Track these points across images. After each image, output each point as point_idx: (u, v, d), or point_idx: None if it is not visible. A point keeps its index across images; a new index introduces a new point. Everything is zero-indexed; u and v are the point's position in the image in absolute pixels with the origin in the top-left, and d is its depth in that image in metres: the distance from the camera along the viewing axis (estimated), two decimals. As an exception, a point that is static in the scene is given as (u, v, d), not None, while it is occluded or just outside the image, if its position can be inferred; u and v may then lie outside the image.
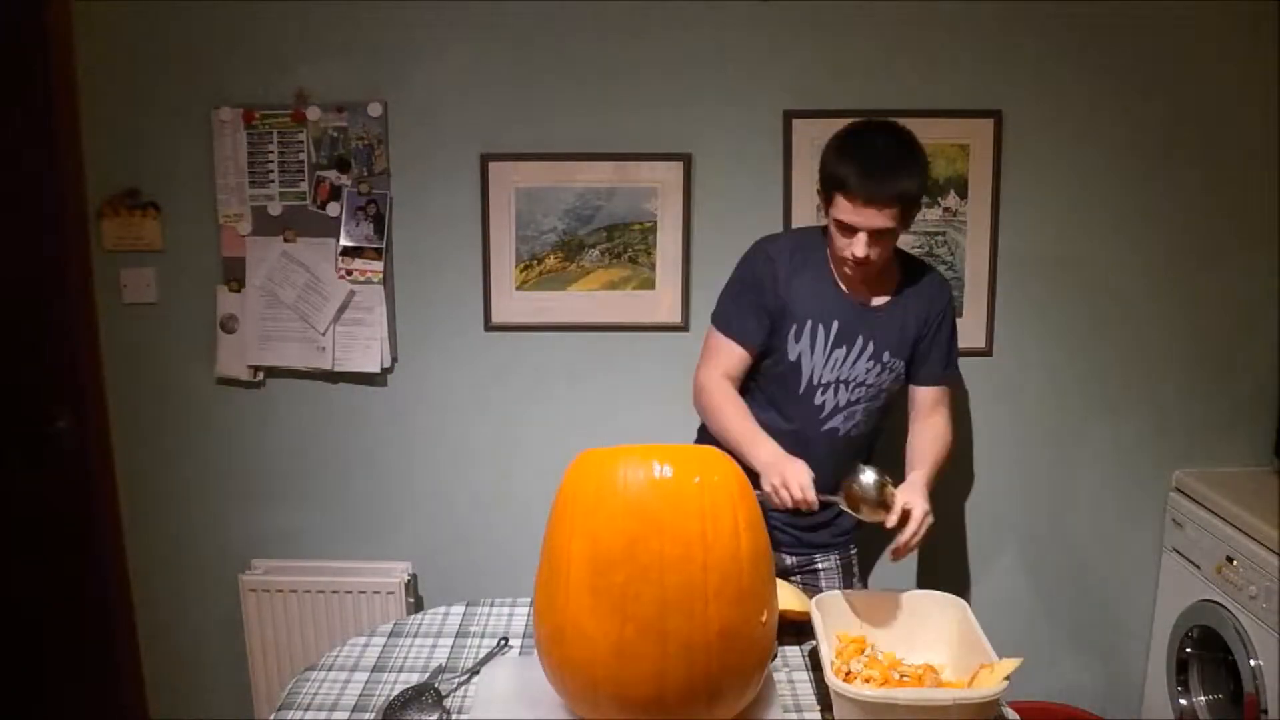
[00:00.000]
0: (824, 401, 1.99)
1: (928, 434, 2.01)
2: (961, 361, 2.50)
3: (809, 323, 1.95)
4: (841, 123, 2.39)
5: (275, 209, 2.45)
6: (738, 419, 1.94)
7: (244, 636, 2.55)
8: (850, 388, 1.98)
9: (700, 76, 2.40)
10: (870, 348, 1.96)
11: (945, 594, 1.70)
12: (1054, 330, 2.53)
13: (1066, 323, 2.53)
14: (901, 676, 1.56)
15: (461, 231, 2.47)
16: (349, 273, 2.46)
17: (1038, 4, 2.37)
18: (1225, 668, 2.35)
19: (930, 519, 1.78)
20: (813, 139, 2.41)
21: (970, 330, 2.51)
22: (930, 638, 1.67)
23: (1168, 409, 2.57)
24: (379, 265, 2.46)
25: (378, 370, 2.51)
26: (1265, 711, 2.16)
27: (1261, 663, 2.17)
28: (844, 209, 1.82)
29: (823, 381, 1.97)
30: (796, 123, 2.41)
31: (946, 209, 2.46)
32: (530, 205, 2.45)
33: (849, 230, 1.83)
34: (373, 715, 1.55)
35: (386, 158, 2.43)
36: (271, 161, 2.43)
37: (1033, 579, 2.67)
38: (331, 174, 2.43)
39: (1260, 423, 2.56)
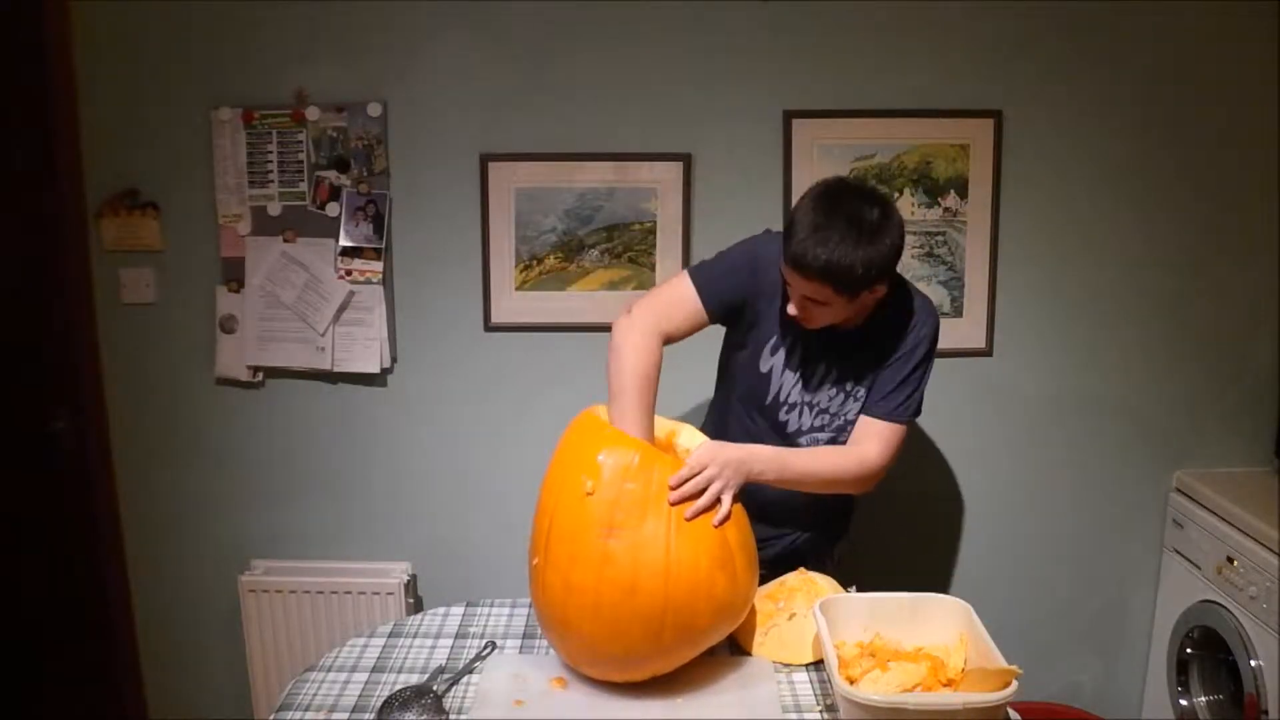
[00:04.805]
0: (788, 420, 1.88)
1: (829, 445, 1.85)
2: (962, 361, 2.52)
3: (782, 338, 1.85)
4: (841, 123, 2.42)
5: (275, 209, 2.45)
6: (630, 380, 1.73)
7: (244, 636, 2.55)
8: (814, 412, 1.87)
9: (700, 76, 2.40)
10: (834, 374, 1.84)
11: (949, 596, 1.68)
12: (1054, 330, 2.53)
13: (1066, 323, 2.53)
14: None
15: (461, 231, 2.47)
16: (348, 273, 2.46)
17: (1038, 4, 2.36)
18: (1225, 668, 2.35)
19: (716, 484, 1.57)
20: (813, 139, 2.42)
21: (970, 330, 2.51)
22: (935, 641, 1.66)
23: (1168, 409, 2.57)
24: (378, 265, 2.46)
25: (377, 370, 2.51)
26: (1265, 712, 2.15)
27: (1261, 663, 2.17)
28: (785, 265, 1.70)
29: (789, 401, 1.87)
30: (796, 123, 2.41)
31: (946, 209, 2.46)
32: (530, 205, 2.45)
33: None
34: (371, 716, 1.55)
35: (386, 158, 2.43)
36: (271, 161, 2.43)
37: (1033, 579, 2.66)
38: (331, 174, 2.43)
39: (1260, 423, 2.56)
